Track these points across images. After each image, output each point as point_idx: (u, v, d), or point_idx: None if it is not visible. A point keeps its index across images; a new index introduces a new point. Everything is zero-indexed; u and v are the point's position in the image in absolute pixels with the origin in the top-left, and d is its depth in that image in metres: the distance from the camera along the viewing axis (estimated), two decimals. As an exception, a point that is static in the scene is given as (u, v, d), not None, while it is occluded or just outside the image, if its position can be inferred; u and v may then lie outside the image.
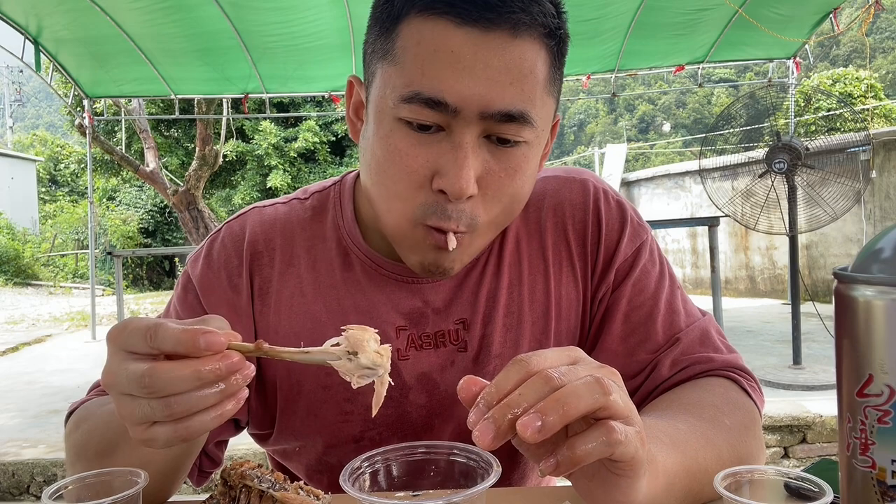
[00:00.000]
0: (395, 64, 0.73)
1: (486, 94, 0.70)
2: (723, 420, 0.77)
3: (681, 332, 0.88)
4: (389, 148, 0.74)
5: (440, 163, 0.73)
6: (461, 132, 0.72)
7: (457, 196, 0.72)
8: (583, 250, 0.92)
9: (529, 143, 0.75)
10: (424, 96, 0.70)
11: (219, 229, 0.95)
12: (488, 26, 0.69)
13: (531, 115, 0.73)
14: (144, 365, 0.55)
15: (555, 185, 0.94)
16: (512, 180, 0.76)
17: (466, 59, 0.69)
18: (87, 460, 0.78)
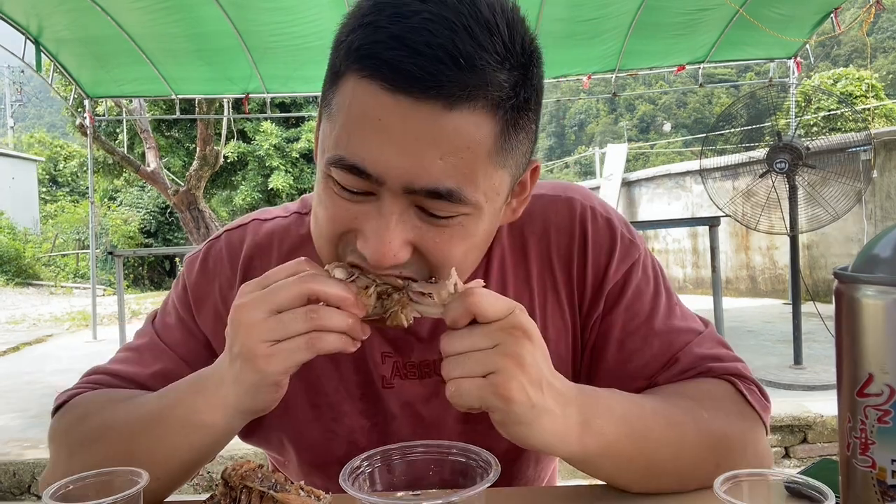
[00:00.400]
0: (330, 120, 0.69)
1: (411, 169, 0.65)
2: (699, 412, 0.78)
3: (679, 352, 0.86)
4: (322, 198, 0.72)
5: (364, 224, 0.69)
6: (387, 201, 0.67)
7: (375, 265, 0.68)
8: (568, 278, 0.89)
9: (469, 216, 0.70)
10: (347, 162, 0.66)
11: (218, 235, 0.95)
12: (419, 97, 0.63)
13: (464, 193, 0.66)
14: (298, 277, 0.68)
15: (540, 206, 0.90)
16: (451, 248, 0.71)
17: (394, 130, 0.64)
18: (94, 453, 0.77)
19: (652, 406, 0.76)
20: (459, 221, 0.70)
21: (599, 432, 0.69)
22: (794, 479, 0.58)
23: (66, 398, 0.88)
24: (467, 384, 0.63)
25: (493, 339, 0.63)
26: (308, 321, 0.65)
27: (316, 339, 0.66)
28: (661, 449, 0.74)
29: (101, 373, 0.91)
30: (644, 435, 0.73)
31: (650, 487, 0.77)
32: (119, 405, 0.82)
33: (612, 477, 0.76)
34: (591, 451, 0.70)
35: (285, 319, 0.65)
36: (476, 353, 0.63)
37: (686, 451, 0.75)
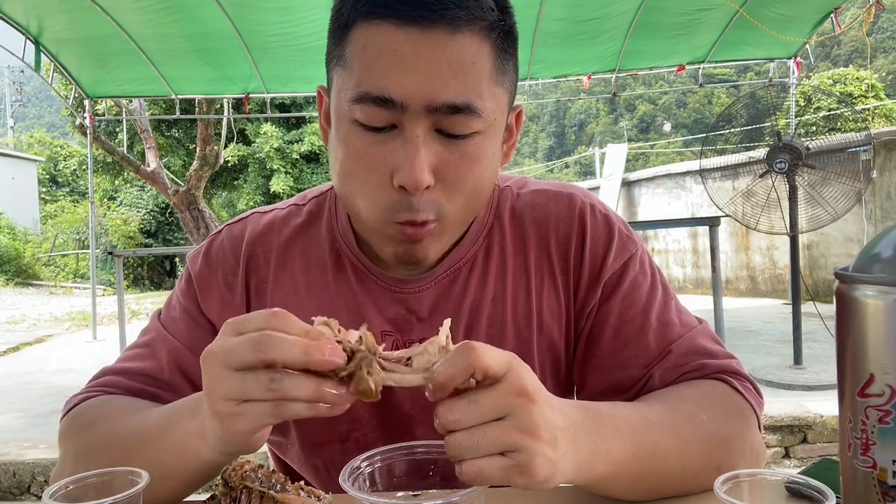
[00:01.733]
0: (346, 69, 0.77)
1: (430, 89, 0.73)
2: (700, 415, 0.78)
3: (673, 344, 0.87)
4: (349, 149, 0.78)
5: (395, 159, 0.75)
6: (411, 127, 0.74)
7: (413, 188, 0.75)
8: (565, 264, 0.92)
9: (482, 133, 0.77)
10: (372, 95, 0.73)
11: (220, 230, 0.99)
12: (427, 25, 0.72)
13: (477, 106, 0.75)
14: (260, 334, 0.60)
15: (542, 199, 0.95)
16: (469, 169, 0.78)
17: (409, 58, 0.73)
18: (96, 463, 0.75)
19: (656, 417, 0.76)
20: (475, 141, 0.77)
21: (609, 456, 0.68)
22: (795, 480, 0.58)
23: (76, 402, 0.88)
24: (489, 467, 0.58)
25: (503, 408, 0.58)
26: (269, 392, 0.59)
27: (281, 407, 0.60)
28: (668, 462, 0.74)
29: (112, 373, 0.91)
30: (651, 451, 0.72)
31: (655, 497, 0.77)
32: (123, 418, 0.82)
33: (621, 494, 0.74)
34: (602, 475, 0.68)
35: (248, 383, 0.60)
36: (489, 429, 0.58)
37: (691, 460, 0.75)
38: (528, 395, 0.59)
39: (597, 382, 0.90)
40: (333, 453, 0.92)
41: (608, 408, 0.72)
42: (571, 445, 0.63)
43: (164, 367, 0.89)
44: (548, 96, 9.52)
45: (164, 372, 0.89)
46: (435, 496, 0.64)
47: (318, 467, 0.94)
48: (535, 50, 6.68)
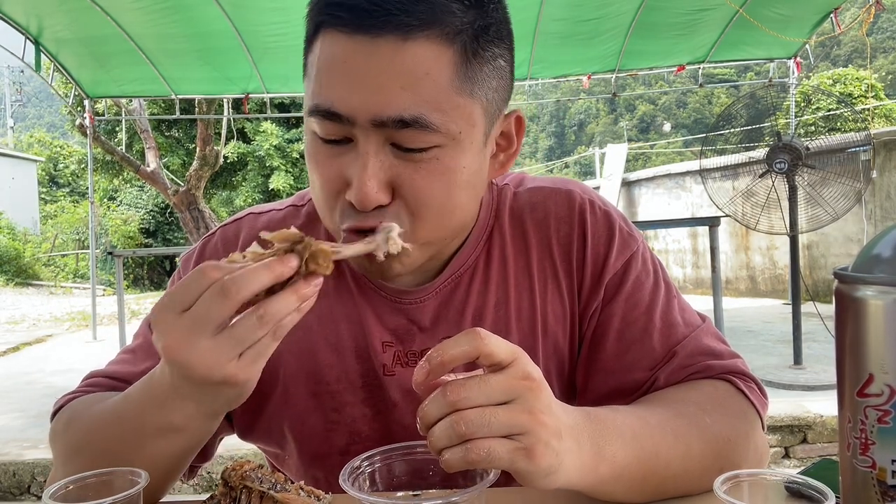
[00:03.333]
0: (308, 78, 0.75)
1: (376, 101, 0.69)
2: (703, 418, 0.77)
3: (678, 345, 0.86)
4: (311, 159, 0.77)
5: (348, 173, 0.73)
6: (362, 142, 0.72)
7: (359, 205, 0.72)
8: (568, 266, 0.90)
9: (442, 147, 0.72)
10: (321, 108, 0.72)
11: (213, 232, 0.96)
12: (376, 34, 0.68)
13: (430, 120, 0.70)
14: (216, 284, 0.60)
15: (540, 197, 0.93)
16: (430, 184, 0.73)
17: (358, 69, 0.69)
18: (84, 460, 0.77)
19: (657, 420, 0.75)
20: (434, 155, 0.73)
21: (612, 459, 0.67)
22: (794, 479, 0.58)
23: (62, 403, 0.88)
24: (498, 448, 0.57)
25: (511, 391, 0.58)
26: (264, 325, 0.61)
27: (279, 329, 0.62)
28: (671, 465, 0.73)
29: (98, 376, 0.91)
30: (654, 453, 0.71)
31: (658, 499, 0.76)
32: (96, 413, 0.81)
33: (625, 498, 0.73)
34: (605, 478, 0.67)
35: (241, 334, 0.61)
36: (499, 410, 0.58)
37: (693, 462, 0.75)
38: (535, 381, 0.60)
39: (601, 385, 0.88)
40: (333, 465, 0.88)
41: (608, 412, 0.71)
42: (574, 445, 0.63)
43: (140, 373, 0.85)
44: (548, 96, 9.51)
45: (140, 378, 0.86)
46: (435, 496, 0.64)
47: (319, 478, 0.93)
48: (535, 50, 6.68)
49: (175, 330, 0.61)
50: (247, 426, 0.93)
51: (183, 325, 0.61)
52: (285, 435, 0.91)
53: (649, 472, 0.71)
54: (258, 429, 0.93)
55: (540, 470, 0.59)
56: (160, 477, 0.76)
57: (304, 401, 0.89)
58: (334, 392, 0.88)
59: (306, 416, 0.89)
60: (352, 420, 0.89)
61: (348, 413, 0.89)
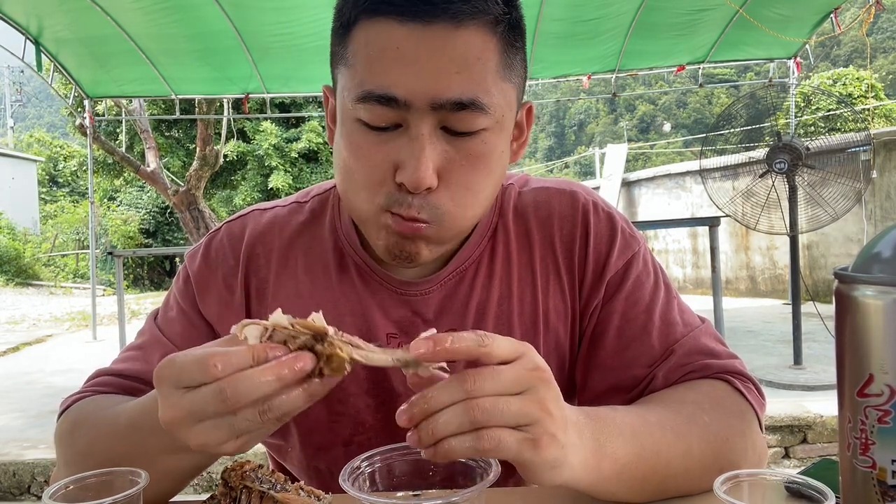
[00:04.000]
0: (349, 67, 0.76)
1: (434, 85, 0.72)
2: (701, 417, 0.78)
3: (676, 344, 0.87)
4: (352, 147, 0.77)
5: (399, 157, 0.74)
6: (416, 125, 0.73)
7: (415, 187, 0.73)
8: (570, 262, 0.91)
9: (489, 130, 0.76)
10: (375, 94, 0.72)
11: (219, 228, 0.97)
12: (429, 21, 0.71)
13: (483, 102, 0.73)
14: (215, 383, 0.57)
15: (545, 196, 0.94)
16: (475, 168, 0.76)
17: (411, 54, 0.71)
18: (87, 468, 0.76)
19: (657, 419, 0.75)
20: (482, 139, 0.76)
21: (613, 456, 0.67)
22: (794, 480, 0.58)
23: (69, 403, 0.88)
24: (507, 438, 0.57)
25: (523, 382, 0.59)
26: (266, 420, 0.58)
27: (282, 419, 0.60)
28: (671, 463, 0.73)
29: (106, 374, 0.91)
30: (655, 452, 0.72)
31: (658, 499, 0.76)
32: (105, 422, 0.80)
33: (626, 497, 0.73)
34: (607, 475, 0.67)
35: (240, 424, 0.58)
36: (511, 400, 0.58)
37: (694, 461, 0.75)
38: (546, 371, 0.60)
39: (599, 382, 0.89)
40: (337, 457, 0.90)
41: (607, 411, 0.72)
42: (578, 440, 0.63)
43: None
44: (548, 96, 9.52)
45: None
46: (435, 496, 0.64)
47: (321, 470, 0.93)
48: (535, 50, 6.68)
49: (175, 406, 0.60)
50: None
51: (180, 404, 0.59)
52: (289, 425, 0.92)
53: (650, 470, 0.71)
54: None
55: (545, 462, 0.59)
56: (167, 488, 0.76)
57: None
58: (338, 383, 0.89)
59: (311, 407, 0.89)
60: (356, 411, 0.89)
61: (352, 404, 0.90)
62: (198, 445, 0.60)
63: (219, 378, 0.57)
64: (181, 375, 0.59)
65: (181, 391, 0.59)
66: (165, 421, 0.60)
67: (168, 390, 0.60)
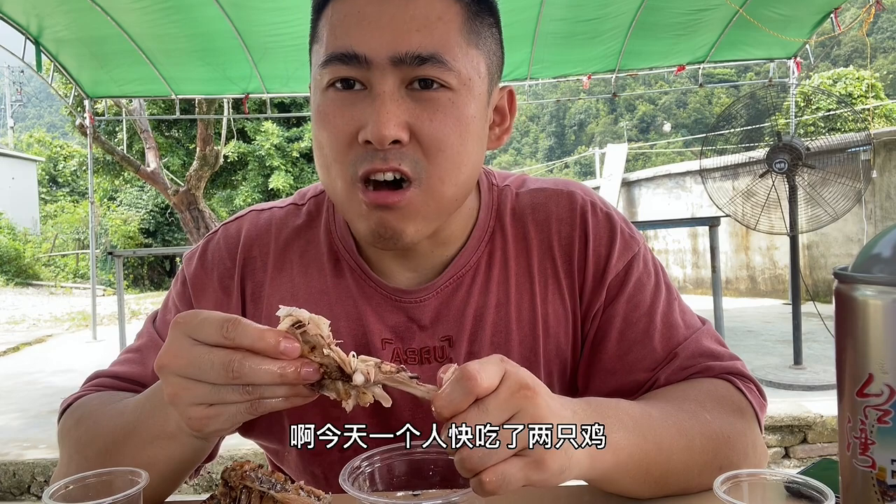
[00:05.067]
0: (318, 42, 0.79)
1: (393, 40, 0.74)
2: (703, 414, 0.78)
3: (679, 347, 0.87)
4: (320, 117, 0.78)
5: (363, 117, 0.75)
6: (379, 83, 0.74)
7: (379, 140, 0.73)
8: (569, 266, 0.90)
9: (455, 91, 0.76)
10: (337, 54, 0.75)
11: (216, 230, 0.97)
12: None
13: (445, 57, 0.75)
14: (226, 352, 0.60)
15: (542, 198, 0.93)
16: (444, 125, 0.76)
17: (372, 15, 0.74)
18: (87, 458, 0.78)
19: (659, 413, 0.75)
20: (449, 98, 0.76)
21: (616, 446, 0.67)
22: (794, 479, 0.58)
23: (69, 402, 0.88)
24: (511, 470, 0.57)
25: (510, 407, 0.58)
26: (245, 394, 0.61)
27: (258, 405, 0.62)
28: (673, 457, 0.73)
29: (104, 376, 0.91)
30: (657, 444, 0.72)
31: (659, 494, 0.76)
32: (104, 411, 0.82)
33: (630, 489, 0.74)
34: (611, 466, 0.68)
35: (220, 393, 0.61)
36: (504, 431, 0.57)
37: (695, 457, 0.75)
38: (531, 388, 0.59)
39: (602, 386, 0.89)
40: (333, 462, 0.90)
41: (609, 401, 0.72)
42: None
43: (153, 374, 0.86)
44: (548, 96, 9.50)
45: (152, 379, 0.87)
46: (435, 496, 0.64)
47: (317, 475, 0.93)
48: (535, 50, 6.68)
49: (177, 351, 0.62)
50: (248, 423, 0.93)
51: (182, 353, 0.62)
52: (285, 429, 0.91)
53: (652, 462, 0.71)
54: (259, 425, 0.92)
55: (553, 475, 0.59)
56: (159, 482, 0.76)
57: None
58: None
59: (306, 411, 0.89)
60: (351, 417, 0.89)
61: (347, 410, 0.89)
62: (171, 395, 0.63)
63: (229, 345, 0.60)
64: (200, 327, 0.62)
65: (191, 341, 0.62)
66: (161, 362, 0.63)
67: (180, 335, 0.62)
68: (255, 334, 0.60)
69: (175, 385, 0.62)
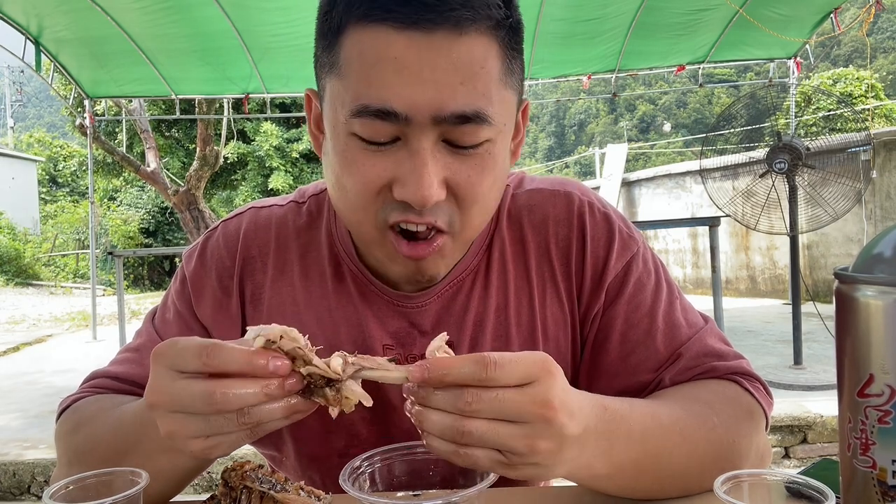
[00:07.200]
0: (341, 78, 0.71)
1: (436, 98, 0.67)
2: (711, 418, 0.77)
3: (682, 347, 0.86)
4: (346, 163, 0.72)
5: (399, 172, 0.70)
6: (417, 140, 0.69)
7: (420, 205, 0.70)
8: (566, 269, 0.89)
9: (492, 141, 0.72)
10: (373, 108, 0.68)
11: (215, 227, 0.95)
12: (430, 28, 0.66)
13: (487, 113, 0.70)
14: (207, 383, 0.58)
15: (539, 199, 0.91)
16: (481, 179, 0.73)
17: (411, 64, 0.67)
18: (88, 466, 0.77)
19: (669, 420, 0.74)
20: (486, 149, 0.72)
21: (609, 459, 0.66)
22: (794, 480, 0.58)
23: (67, 403, 0.88)
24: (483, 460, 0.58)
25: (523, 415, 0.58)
26: (241, 424, 0.59)
27: (257, 431, 0.60)
28: (671, 464, 0.73)
29: (102, 376, 0.90)
30: (656, 455, 0.71)
31: (654, 495, 0.76)
32: (105, 420, 0.81)
33: (617, 493, 0.74)
34: (598, 474, 0.67)
35: (215, 423, 0.59)
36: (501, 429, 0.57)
37: (695, 462, 0.75)
38: (553, 408, 0.58)
39: (605, 388, 0.87)
40: (331, 467, 0.88)
41: (626, 408, 0.70)
42: (577, 452, 0.62)
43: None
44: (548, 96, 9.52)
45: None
46: (435, 496, 0.64)
47: (315, 480, 0.92)
48: (535, 50, 6.68)
49: (162, 388, 0.61)
50: None
51: (166, 389, 0.60)
52: (283, 436, 0.91)
53: (645, 470, 0.71)
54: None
55: (521, 477, 0.60)
56: (161, 489, 0.76)
57: None
58: None
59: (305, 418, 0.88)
60: (350, 423, 0.88)
61: (347, 416, 0.87)
62: (167, 433, 0.61)
63: (212, 372, 0.58)
64: (178, 359, 0.60)
65: (173, 374, 0.60)
66: (149, 401, 0.62)
67: (162, 370, 0.61)
68: (237, 358, 0.57)
69: (168, 422, 0.61)
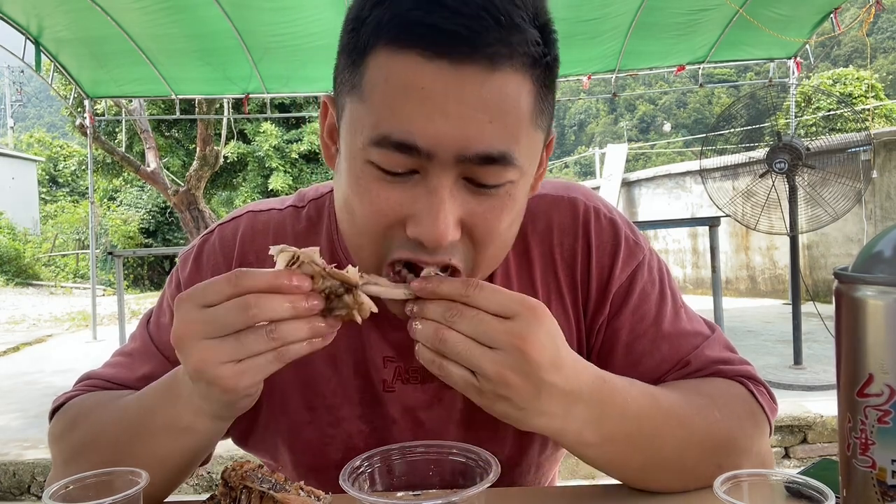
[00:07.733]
0: (363, 101, 0.66)
1: (462, 136, 0.63)
2: (713, 412, 0.78)
3: (689, 356, 0.85)
4: (359, 189, 0.68)
5: (414, 208, 0.66)
6: (436, 176, 0.65)
7: (434, 245, 0.66)
8: (571, 279, 0.87)
9: (515, 182, 0.68)
10: (393, 140, 0.64)
11: (211, 230, 0.93)
12: (462, 60, 0.61)
13: (514, 156, 0.65)
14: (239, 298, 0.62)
15: (543, 206, 0.88)
16: (500, 221, 0.70)
17: (440, 98, 0.62)
18: (89, 459, 0.77)
19: (667, 404, 0.75)
20: (507, 190, 0.68)
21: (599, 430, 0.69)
22: (794, 480, 0.58)
23: (61, 402, 0.87)
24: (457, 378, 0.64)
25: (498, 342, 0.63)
26: (271, 341, 0.62)
27: (284, 352, 0.63)
28: (664, 447, 0.74)
29: (94, 377, 0.90)
30: (650, 435, 0.72)
31: (648, 483, 0.77)
32: (105, 411, 0.81)
33: (609, 467, 0.75)
34: (588, 440, 0.69)
35: (246, 342, 0.62)
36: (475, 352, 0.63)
37: (690, 451, 0.75)
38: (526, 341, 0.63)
39: None
40: (329, 478, 0.88)
41: (625, 385, 0.72)
42: (561, 409, 0.65)
43: (138, 380, 0.86)
44: (548, 96, 9.47)
45: (137, 384, 0.85)
46: (435, 496, 0.64)
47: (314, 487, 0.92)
48: (535, 50, 6.67)
49: (189, 321, 0.63)
50: (241, 434, 0.92)
51: (197, 318, 0.63)
52: (279, 446, 0.90)
53: (637, 449, 0.72)
54: (253, 438, 0.92)
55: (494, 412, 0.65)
56: (165, 478, 0.76)
57: (300, 412, 0.87)
58: (331, 406, 0.86)
59: (301, 428, 0.88)
60: (348, 436, 0.87)
61: (345, 429, 0.87)
62: (195, 365, 0.63)
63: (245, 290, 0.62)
64: (206, 293, 0.63)
65: (201, 308, 0.63)
66: (177, 335, 0.64)
67: (189, 306, 0.64)
68: (264, 276, 0.62)
69: (199, 351, 0.63)
